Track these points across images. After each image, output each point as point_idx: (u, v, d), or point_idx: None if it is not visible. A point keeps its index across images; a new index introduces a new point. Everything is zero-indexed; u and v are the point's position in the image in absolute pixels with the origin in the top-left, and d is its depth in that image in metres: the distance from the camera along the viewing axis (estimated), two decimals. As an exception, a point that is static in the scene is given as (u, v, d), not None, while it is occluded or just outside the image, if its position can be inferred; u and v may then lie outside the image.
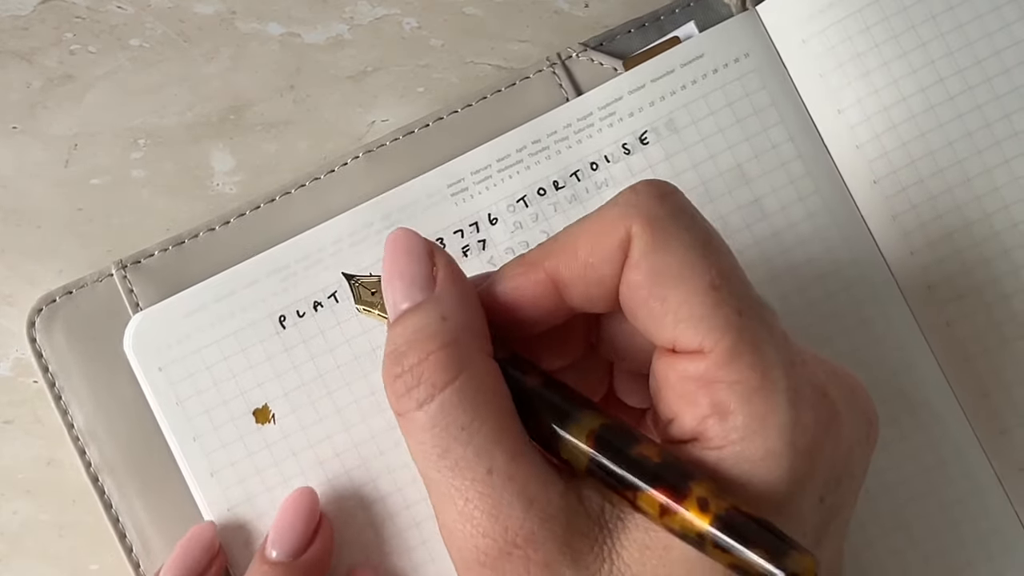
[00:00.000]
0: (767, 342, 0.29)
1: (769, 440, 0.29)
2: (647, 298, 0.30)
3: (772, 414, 0.29)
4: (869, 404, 0.33)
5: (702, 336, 0.29)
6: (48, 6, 0.47)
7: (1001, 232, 0.42)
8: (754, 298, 0.30)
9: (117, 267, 0.43)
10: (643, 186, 0.31)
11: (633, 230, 0.30)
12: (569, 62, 0.45)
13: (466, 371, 0.31)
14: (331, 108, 0.47)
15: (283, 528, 0.40)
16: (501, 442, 0.30)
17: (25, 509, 0.45)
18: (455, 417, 0.30)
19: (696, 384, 0.30)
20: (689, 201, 0.32)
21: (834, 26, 0.43)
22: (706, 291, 0.29)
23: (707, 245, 0.30)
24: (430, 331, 0.32)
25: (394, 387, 0.32)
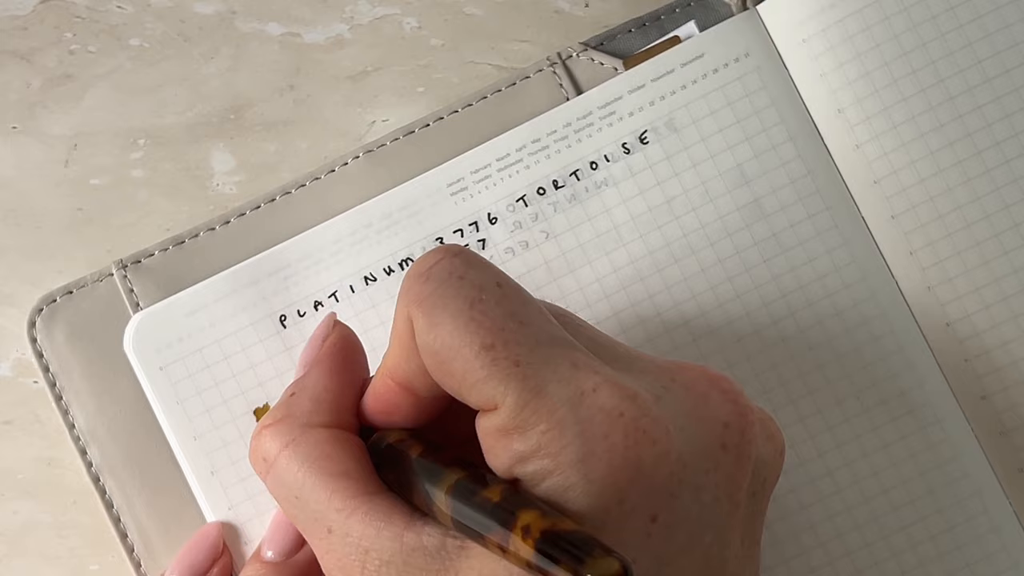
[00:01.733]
0: (550, 382, 0.31)
1: (565, 476, 0.30)
2: (441, 375, 0.32)
3: (563, 451, 0.30)
4: (724, 407, 0.33)
5: (489, 394, 0.31)
6: (48, 6, 0.47)
7: (1001, 233, 0.42)
8: (535, 340, 0.31)
9: (117, 267, 0.43)
10: (411, 267, 0.33)
11: (412, 316, 0.32)
12: (569, 62, 0.45)
13: (290, 445, 0.34)
14: (331, 108, 0.47)
15: (277, 528, 0.41)
16: (332, 503, 0.33)
17: (25, 509, 0.45)
18: (288, 486, 0.34)
19: (495, 437, 0.31)
20: (461, 259, 0.33)
21: (835, 26, 0.43)
22: (479, 354, 0.31)
23: (475, 304, 0.31)
24: (275, 407, 0.36)
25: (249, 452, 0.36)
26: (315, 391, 0.36)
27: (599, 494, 0.30)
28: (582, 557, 0.27)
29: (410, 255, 0.43)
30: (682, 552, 0.31)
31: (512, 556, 0.29)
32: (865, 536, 0.42)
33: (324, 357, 0.37)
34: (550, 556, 0.28)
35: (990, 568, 0.42)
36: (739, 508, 0.33)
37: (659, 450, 0.31)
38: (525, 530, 0.29)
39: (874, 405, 0.42)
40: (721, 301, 0.43)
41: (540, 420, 0.30)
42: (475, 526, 0.30)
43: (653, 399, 0.32)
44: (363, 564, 0.32)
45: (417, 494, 0.33)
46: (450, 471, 0.32)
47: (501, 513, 0.30)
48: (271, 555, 0.40)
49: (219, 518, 0.42)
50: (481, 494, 0.31)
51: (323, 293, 0.43)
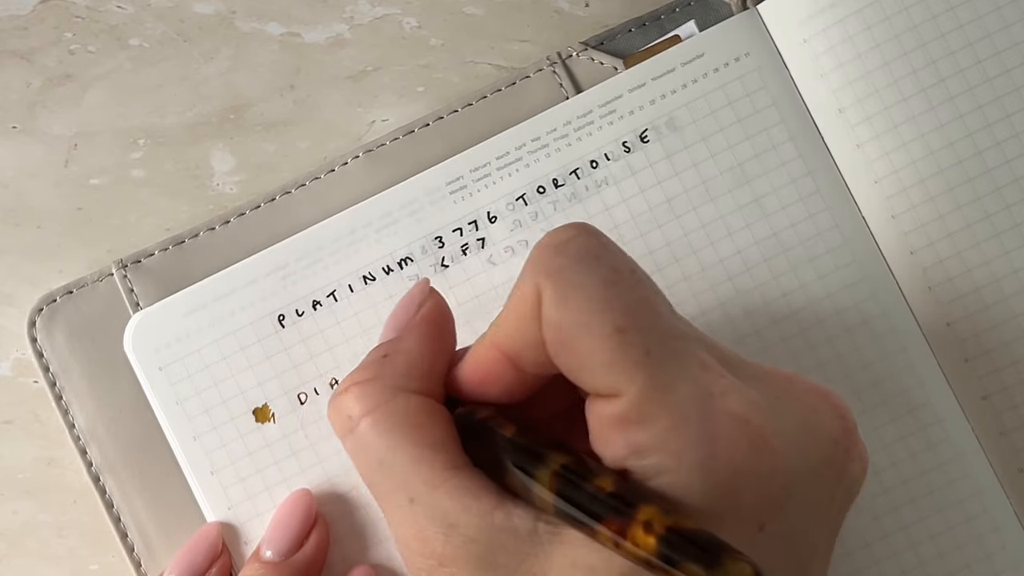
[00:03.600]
0: (679, 378, 0.30)
1: (683, 476, 0.29)
2: (561, 352, 0.31)
3: (686, 451, 0.29)
4: (834, 423, 0.33)
5: (614, 380, 0.30)
6: (48, 6, 0.47)
7: (1002, 233, 0.42)
8: (666, 331, 0.31)
9: (117, 267, 0.43)
10: (544, 238, 0.32)
11: (540, 288, 0.31)
12: (569, 61, 0.45)
13: (381, 407, 0.33)
14: (331, 108, 0.47)
15: (276, 528, 0.41)
16: (418, 473, 0.33)
17: (25, 509, 0.45)
18: (374, 450, 0.33)
19: (613, 426, 0.30)
20: (595, 239, 0.32)
21: (835, 26, 0.43)
22: (610, 335, 0.30)
23: (610, 286, 0.31)
24: (365, 366, 0.35)
25: (328, 412, 0.35)
26: (410, 355, 0.35)
27: (716, 498, 0.30)
28: (713, 558, 0.27)
29: (409, 254, 0.43)
30: (782, 564, 0.31)
31: (627, 550, 0.28)
32: (865, 536, 0.42)
33: (420, 323, 0.36)
34: (675, 554, 0.27)
35: (990, 568, 0.42)
36: (830, 522, 0.33)
37: (778, 462, 0.30)
38: (647, 525, 0.28)
39: (874, 405, 0.42)
40: (721, 300, 0.43)
41: (666, 415, 0.30)
42: (584, 515, 0.30)
43: (771, 409, 0.31)
44: (446, 538, 0.32)
45: (509, 474, 0.32)
46: (553, 454, 0.31)
47: (618, 504, 0.29)
48: (270, 555, 0.40)
49: (219, 518, 0.42)
50: (592, 482, 0.30)
51: (322, 293, 0.42)
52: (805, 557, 0.32)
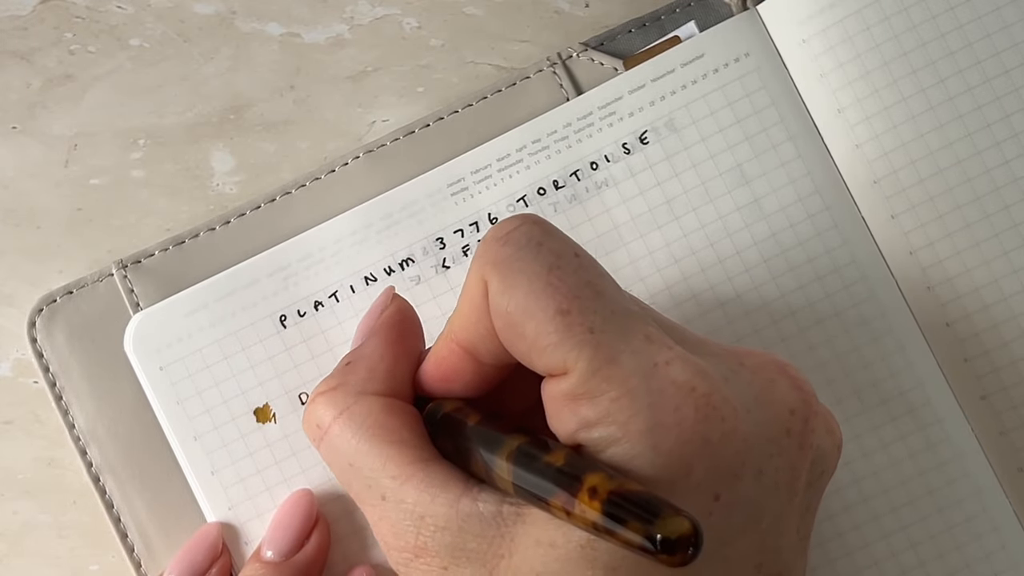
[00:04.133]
0: (623, 352, 0.31)
1: (632, 445, 0.30)
2: (511, 338, 0.32)
3: (632, 420, 0.30)
4: (791, 394, 0.33)
5: (561, 359, 0.31)
6: (48, 6, 0.46)
7: (1001, 233, 0.42)
8: (610, 310, 0.31)
9: (117, 267, 0.43)
10: (489, 231, 0.33)
11: (486, 278, 0.32)
12: (569, 62, 0.45)
13: (345, 412, 0.35)
14: (331, 108, 0.47)
15: (277, 528, 0.41)
16: (386, 470, 0.34)
17: (25, 509, 0.45)
18: (342, 453, 0.35)
19: (564, 402, 0.31)
20: (539, 227, 0.33)
21: (835, 26, 0.43)
22: (554, 317, 0.31)
23: (553, 270, 0.32)
24: (330, 375, 0.37)
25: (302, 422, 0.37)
26: (371, 360, 0.36)
27: (665, 465, 0.30)
28: (652, 516, 0.27)
29: (410, 255, 0.43)
30: (740, 534, 0.31)
31: (577, 518, 0.29)
32: (865, 536, 0.42)
33: (380, 328, 0.37)
34: (618, 517, 0.28)
35: (990, 568, 0.42)
36: (796, 497, 0.33)
37: (727, 428, 0.31)
38: (592, 492, 0.28)
39: (874, 405, 0.42)
40: (721, 301, 0.43)
41: (611, 387, 0.30)
42: (537, 490, 0.30)
43: (722, 378, 0.32)
44: (417, 530, 0.33)
45: (475, 462, 0.33)
46: (511, 437, 0.32)
47: (566, 476, 0.30)
48: (271, 555, 0.40)
49: (219, 518, 0.42)
50: (544, 458, 0.31)
51: (323, 293, 0.43)
52: (769, 531, 0.32)
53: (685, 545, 0.27)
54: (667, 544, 0.27)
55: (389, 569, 0.42)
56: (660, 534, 0.27)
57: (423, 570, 0.33)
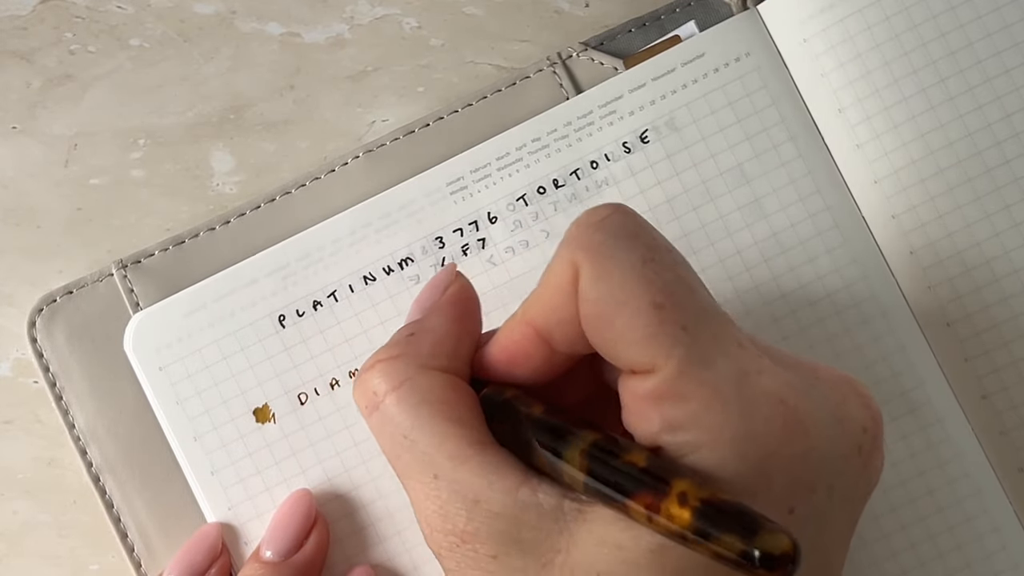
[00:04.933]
0: (716, 355, 0.30)
1: (719, 451, 0.29)
2: (598, 328, 0.31)
3: (721, 427, 0.29)
4: (862, 412, 0.33)
5: (651, 355, 0.30)
6: (48, 6, 0.46)
7: (1002, 233, 0.42)
8: (703, 309, 0.31)
9: (117, 267, 0.43)
10: (582, 216, 0.32)
11: (578, 264, 0.31)
12: (569, 62, 0.45)
13: (406, 383, 0.33)
14: (331, 108, 0.47)
15: (276, 528, 0.41)
16: (443, 449, 0.33)
17: (25, 509, 0.45)
18: (399, 425, 0.33)
19: (648, 401, 0.30)
20: (632, 218, 0.32)
21: (835, 25, 0.43)
22: (648, 311, 0.30)
23: (648, 263, 0.31)
24: (391, 344, 0.35)
25: (353, 391, 0.35)
26: (436, 334, 0.35)
27: (750, 477, 0.29)
28: (750, 530, 0.27)
29: (410, 255, 0.43)
30: (808, 550, 0.30)
31: (660, 524, 0.28)
32: (864, 536, 0.42)
33: (446, 304, 0.36)
34: (711, 527, 0.27)
35: (990, 568, 0.42)
36: (854, 514, 0.33)
37: (809, 443, 0.30)
38: (681, 497, 0.28)
39: (874, 405, 0.42)
40: (721, 300, 0.43)
41: (702, 391, 0.30)
42: (614, 490, 0.29)
43: (805, 393, 0.31)
44: (469, 514, 0.32)
45: (536, 453, 0.32)
46: (583, 432, 0.31)
47: (651, 478, 0.29)
48: (270, 555, 0.40)
49: (219, 518, 0.42)
50: (624, 457, 0.30)
51: (322, 293, 0.42)
52: (830, 545, 0.32)
53: (785, 562, 0.26)
54: (767, 560, 0.26)
55: (388, 569, 0.42)
56: (761, 549, 0.26)
57: (470, 556, 0.32)
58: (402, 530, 0.42)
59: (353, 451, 0.42)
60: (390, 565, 0.42)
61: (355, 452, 0.42)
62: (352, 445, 0.42)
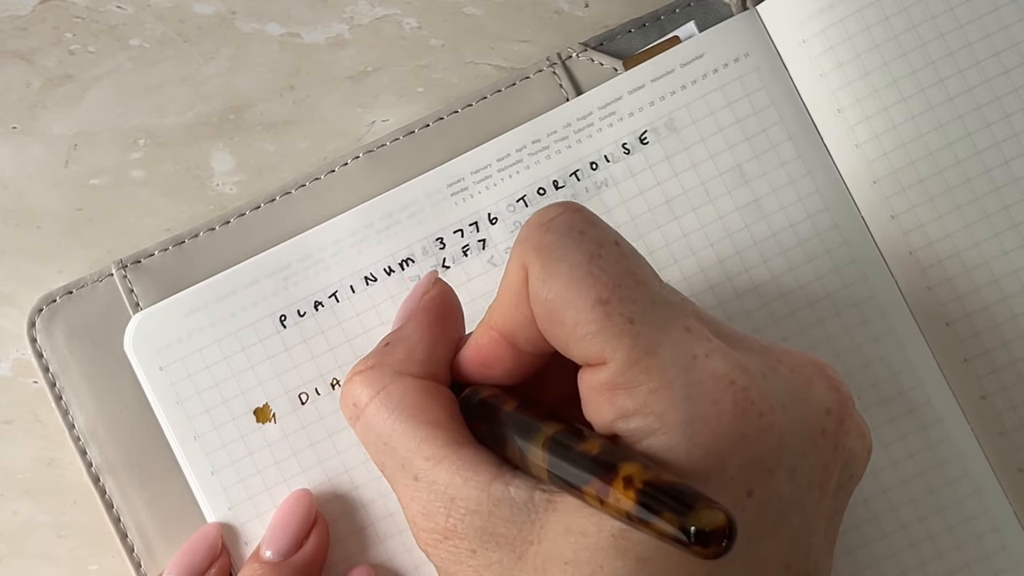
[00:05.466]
0: (663, 343, 0.31)
1: (668, 436, 0.30)
2: (550, 326, 0.32)
3: (670, 411, 0.30)
4: (828, 394, 0.33)
5: (599, 349, 0.31)
6: (48, 6, 0.46)
7: (1001, 233, 0.42)
8: (650, 300, 0.31)
9: (117, 267, 0.43)
10: (532, 217, 0.33)
11: (527, 265, 0.32)
12: (569, 62, 0.45)
13: (382, 392, 0.35)
14: (331, 108, 0.47)
15: (276, 528, 0.41)
16: (420, 451, 0.34)
17: (25, 509, 0.45)
18: (379, 432, 0.35)
19: (601, 392, 0.31)
20: (581, 215, 0.33)
21: (834, 26, 0.43)
22: (594, 307, 0.31)
23: (594, 259, 0.32)
24: (369, 354, 0.37)
25: (340, 401, 0.37)
26: (410, 342, 0.36)
27: (701, 458, 0.30)
28: (686, 508, 0.27)
29: (410, 255, 0.43)
30: (771, 531, 0.31)
31: (611, 507, 0.29)
32: (864, 535, 0.42)
33: (421, 311, 0.37)
34: (652, 507, 0.28)
35: (989, 568, 0.42)
36: (827, 498, 0.33)
37: (764, 424, 0.31)
38: (627, 481, 0.28)
39: (874, 405, 0.42)
40: (721, 301, 0.43)
41: (649, 378, 0.30)
42: (572, 478, 0.30)
43: (761, 374, 0.32)
44: (448, 512, 0.33)
45: (510, 448, 0.33)
46: (546, 424, 0.32)
47: (601, 465, 0.30)
48: (270, 555, 0.41)
49: (219, 518, 0.42)
50: (579, 447, 0.31)
51: (323, 293, 0.43)
52: (800, 530, 0.32)
53: (719, 537, 0.27)
54: (701, 536, 0.27)
55: (388, 569, 0.42)
56: (695, 526, 0.27)
57: (451, 551, 0.33)
58: (403, 530, 0.42)
59: (353, 451, 0.42)
60: (390, 565, 0.42)
61: (355, 452, 0.42)
62: (352, 445, 0.42)
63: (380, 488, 0.42)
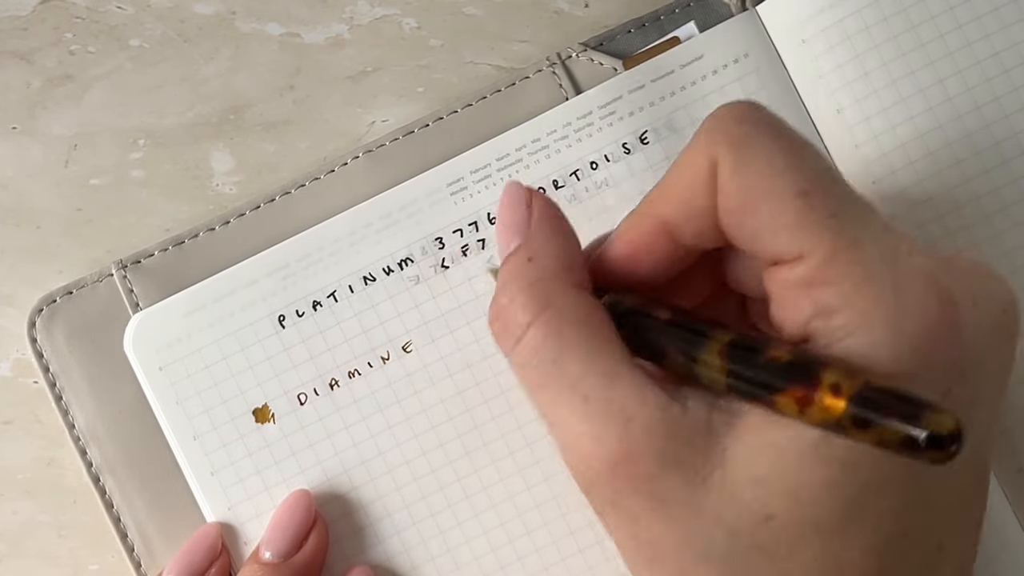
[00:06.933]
0: (865, 238, 0.30)
1: (875, 332, 0.29)
2: (741, 218, 0.31)
3: (876, 307, 0.29)
4: (1001, 292, 0.32)
5: (800, 242, 0.30)
6: (48, 6, 0.47)
7: (1001, 234, 0.42)
8: (848, 196, 0.30)
9: (117, 267, 0.44)
10: (722, 110, 0.32)
11: (718, 155, 0.31)
12: (569, 62, 0.45)
13: (549, 308, 0.32)
14: (331, 108, 0.47)
15: (275, 529, 0.41)
16: (593, 368, 0.31)
17: (25, 509, 0.45)
18: (545, 352, 0.32)
19: (798, 289, 0.30)
20: (772, 114, 0.32)
21: (834, 26, 0.43)
22: (795, 197, 0.30)
23: (792, 153, 0.30)
24: (516, 273, 0.33)
25: (493, 329, 0.34)
26: (554, 252, 0.34)
27: (908, 358, 0.29)
28: (914, 412, 0.26)
29: (409, 255, 0.43)
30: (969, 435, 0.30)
31: (817, 415, 0.28)
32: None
33: (546, 217, 0.35)
34: (869, 413, 0.27)
35: (988, 569, 0.42)
36: (1004, 394, 0.32)
37: (964, 320, 0.30)
38: (834, 387, 0.27)
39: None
40: (720, 301, 0.43)
41: (854, 272, 0.29)
42: (762, 387, 0.29)
43: (959, 270, 0.31)
44: (624, 431, 0.31)
45: (671, 360, 0.32)
46: (719, 331, 0.31)
47: (798, 371, 0.28)
48: (269, 556, 0.40)
49: (218, 518, 0.42)
50: (767, 353, 0.29)
51: (322, 293, 0.43)
52: (983, 428, 0.31)
53: (951, 441, 0.26)
54: (935, 440, 0.26)
55: (388, 569, 0.42)
56: (929, 430, 0.26)
57: (626, 477, 0.31)
58: (401, 530, 0.42)
59: (352, 451, 0.42)
60: (389, 565, 0.42)
61: (354, 452, 0.42)
62: (351, 446, 0.42)
63: (379, 488, 0.42)
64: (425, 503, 0.42)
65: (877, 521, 0.30)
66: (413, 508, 0.42)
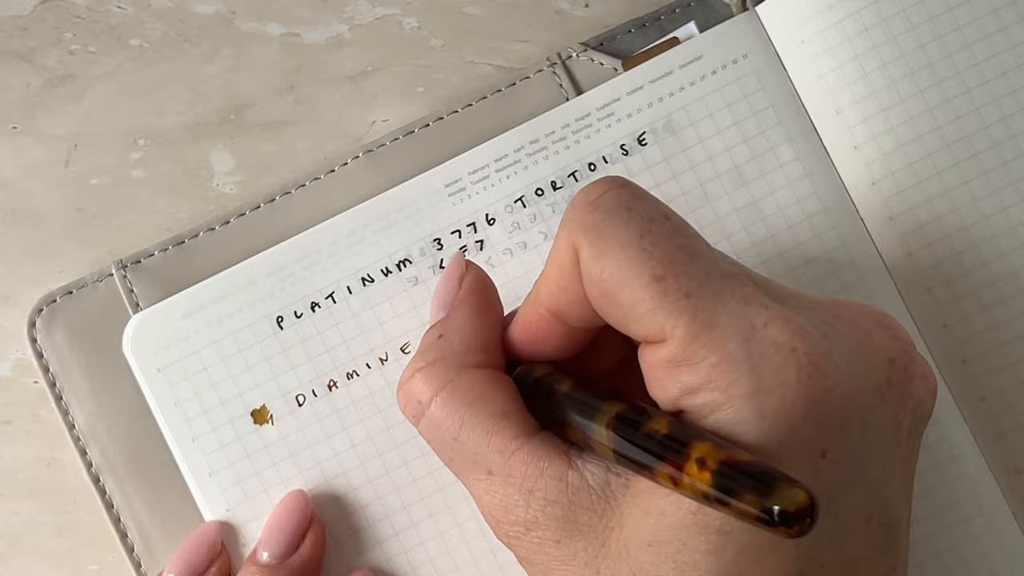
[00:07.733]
0: (721, 315, 0.30)
1: (735, 410, 0.30)
2: (606, 305, 0.32)
3: (733, 387, 0.30)
4: (885, 343, 0.33)
5: (659, 325, 0.30)
6: (48, 6, 0.47)
7: (999, 234, 0.42)
8: (705, 273, 0.31)
9: (117, 267, 0.44)
10: (578, 196, 0.33)
11: (578, 245, 0.32)
12: (569, 62, 0.45)
13: (448, 385, 0.34)
14: (331, 108, 0.47)
15: (272, 530, 0.41)
16: (492, 446, 0.34)
17: (25, 509, 0.45)
18: (445, 429, 0.34)
19: (664, 369, 0.31)
20: (628, 191, 0.32)
21: (833, 27, 0.43)
22: (649, 284, 0.31)
23: (645, 236, 0.31)
24: (425, 348, 0.36)
25: (398, 398, 0.36)
26: (464, 331, 0.36)
27: (771, 429, 0.30)
28: (766, 488, 0.27)
29: (408, 256, 0.43)
30: (848, 488, 0.31)
31: (686, 489, 0.28)
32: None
33: (467, 297, 0.37)
34: (730, 488, 0.27)
35: (987, 568, 0.42)
36: (900, 446, 0.33)
37: (829, 385, 0.30)
38: (700, 462, 0.28)
39: (872, 407, 0.42)
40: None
41: (711, 353, 0.30)
42: (642, 459, 0.30)
43: (820, 335, 0.31)
44: (527, 504, 0.33)
45: (571, 429, 0.33)
46: (608, 403, 0.32)
47: (671, 445, 0.29)
48: (267, 557, 0.41)
49: (217, 519, 0.42)
50: (647, 426, 0.30)
51: (320, 294, 0.43)
52: (877, 482, 0.32)
53: (802, 516, 0.26)
54: (784, 516, 0.26)
55: (386, 572, 0.42)
56: (777, 506, 0.26)
57: (535, 543, 0.33)
58: (399, 532, 0.42)
59: (351, 453, 0.42)
60: (387, 567, 0.42)
61: (353, 454, 0.42)
62: (350, 447, 0.42)
63: (377, 490, 0.42)
64: (424, 505, 0.42)
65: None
66: (412, 510, 0.42)
